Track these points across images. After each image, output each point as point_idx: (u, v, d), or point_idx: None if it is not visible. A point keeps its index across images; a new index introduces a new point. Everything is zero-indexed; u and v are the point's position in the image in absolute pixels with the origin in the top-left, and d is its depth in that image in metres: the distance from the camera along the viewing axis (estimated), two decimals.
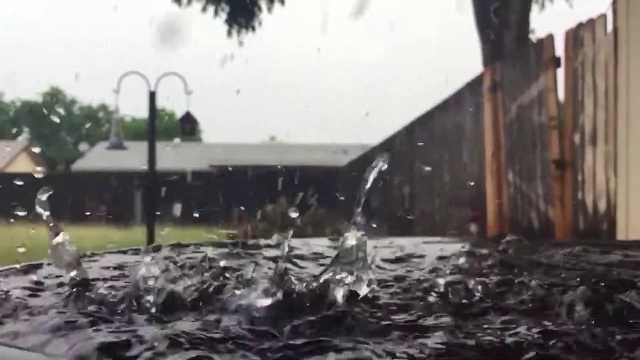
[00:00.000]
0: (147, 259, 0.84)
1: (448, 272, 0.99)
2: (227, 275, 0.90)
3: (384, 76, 79.30)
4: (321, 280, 0.80)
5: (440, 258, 1.19)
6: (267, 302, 0.75)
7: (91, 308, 0.76)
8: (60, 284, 0.92)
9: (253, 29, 13.55)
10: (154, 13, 69.37)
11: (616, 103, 4.59)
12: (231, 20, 13.41)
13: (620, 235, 4.45)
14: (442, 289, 0.83)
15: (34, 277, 0.97)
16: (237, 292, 0.77)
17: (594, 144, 4.89)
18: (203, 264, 0.93)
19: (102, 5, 78.73)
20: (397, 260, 1.20)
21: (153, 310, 0.76)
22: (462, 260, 1.09)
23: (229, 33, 13.49)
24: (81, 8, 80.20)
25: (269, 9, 13.44)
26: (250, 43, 14.75)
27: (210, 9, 13.33)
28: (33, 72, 72.38)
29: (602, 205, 4.77)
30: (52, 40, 77.44)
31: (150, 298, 0.78)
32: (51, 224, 0.90)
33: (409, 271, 1.05)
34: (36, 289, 0.90)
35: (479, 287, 0.83)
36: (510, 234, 1.46)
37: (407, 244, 1.45)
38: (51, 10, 79.77)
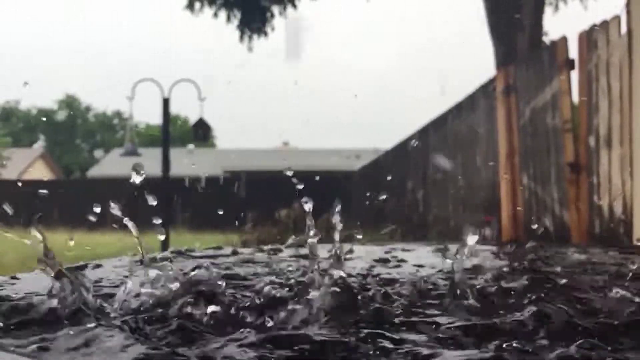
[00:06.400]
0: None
1: None
2: None
3: (397, 80, 79.23)
4: None
5: None
6: None
7: None
8: None
9: (265, 34, 13.60)
10: (167, 19, 69.79)
11: (631, 105, 4.55)
12: (243, 26, 13.47)
13: (637, 239, 4.40)
14: None
15: None
16: None
17: (609, 146, 4.85)
18: None
19: (116, 13, 79.50)
20: None
21: None
22: None
23: (241, 38, 13.56)
24: (96, 16, 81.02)
25: (280, 13, 13.49)
26: (262, 48, 14.82)
27: (222, 15, 13.40)
28: (48, 80, 73.17)
29: (618, 209, 4.73)
30: (67, 48, 78.26)
31: None
32: None
33: None
34: None
35: None
36: (531, 240, 1.46)
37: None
38: (66, 19, 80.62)
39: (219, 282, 0.89)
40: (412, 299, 0.89)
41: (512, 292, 0.90)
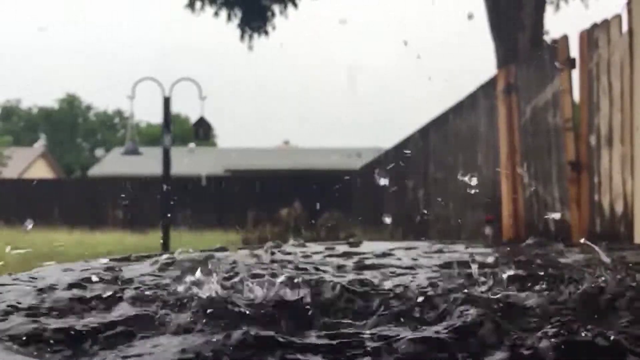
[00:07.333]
0: None
1: None
2: None
3: (398, 79, 79.17)
4: None
5: None
6: None
7: None
8: None
9: (266, 33, 13.60)
10: (167, 19, 69.83)
11: (632, 104, 4.55)
12: (244, 25, 13.47)
13: (638, 238, 4.40)
14: None
15: None
16: None
17: (610, 145, 4.85)
18: None
19: (116, 13, 79.48)
20: None
21: None
22: None
23: (242, 37, 13.56)
24: (96, 16, 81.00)
25: (281, 12, 13.49)
26: (263, 47, 14.83)
27: (223, 13, 13.40)
28: (49, 79, 73.16)
29: (619, 208, 4.72)
30: (67, 48, 78.24)
31: None
32: None
33: None
34: None
35: None
36: (531, 237, 1.45)
37: None
38: (66, 19, 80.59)
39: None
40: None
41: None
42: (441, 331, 0.70)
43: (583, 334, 0.65)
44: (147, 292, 0.91)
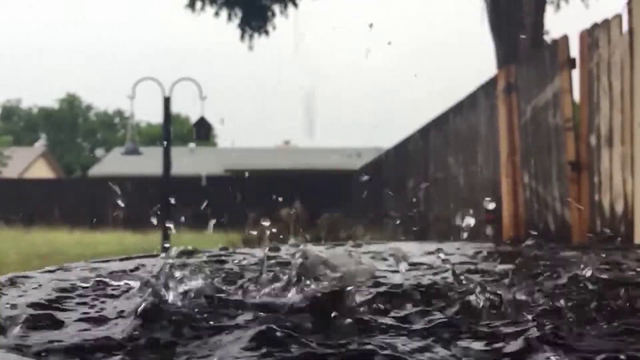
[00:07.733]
0: None
1: None
2: None
3: (398, 79, 79.17)
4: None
5: None
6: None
7: None
8: None
9: (267, 33, 13.61)
10: (167, 19, 69.78)
11: (632, 104, 4.55)
12: (244, 25, 13.48)
13: (638, 238, 4.40)
14: None
15: None
16: None
17: (610, 145, 4.85)
18: None
19: (116, 12, 79.43)
20: None
21: None
22: None
23: (242, 37, 13.57)
24: (96, 16, 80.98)
25: (281, 12, 13.50)
26: (263, 47, 14.83)
27: (223, 13, 13.41)
28: (49, 79, 73.15)
29: (619, 208, 4.72)
30: (67, 48, 78.22)
31: None
32: None
33: None
34: None
35: None
36: (530, 238, 1.46)
37: None
38: (66, 19, 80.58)
39: None
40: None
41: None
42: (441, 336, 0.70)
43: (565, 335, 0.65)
44: (154, 293, 0.91)
